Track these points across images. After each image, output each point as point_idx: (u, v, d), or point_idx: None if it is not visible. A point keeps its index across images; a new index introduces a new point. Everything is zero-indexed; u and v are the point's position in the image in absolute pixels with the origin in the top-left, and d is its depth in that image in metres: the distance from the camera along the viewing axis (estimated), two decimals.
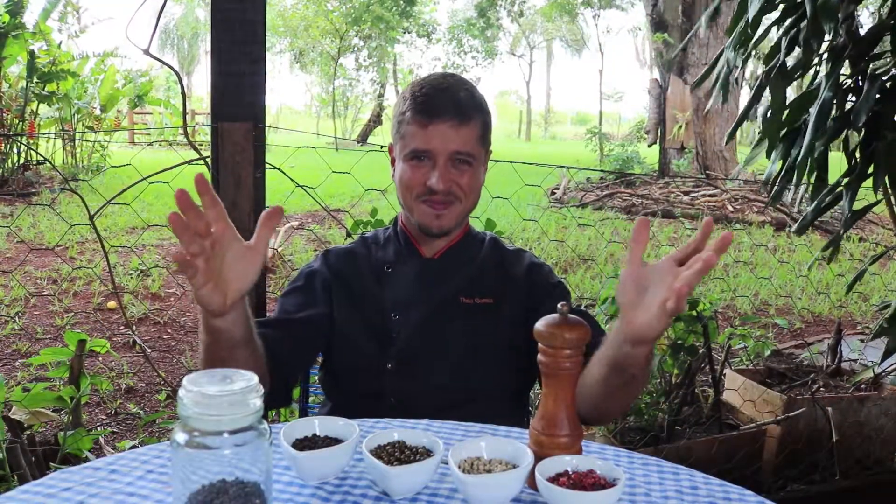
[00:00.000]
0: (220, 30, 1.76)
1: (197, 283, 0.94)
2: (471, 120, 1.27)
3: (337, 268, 1.35)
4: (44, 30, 8.96)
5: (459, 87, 1.29)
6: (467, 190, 1.28)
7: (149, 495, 0.85)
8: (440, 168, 1.25)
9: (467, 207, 1.31)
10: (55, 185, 8.54)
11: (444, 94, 1.26)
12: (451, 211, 1.28)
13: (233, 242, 0.96)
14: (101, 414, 2.91)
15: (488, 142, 1.34)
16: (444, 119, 1.24)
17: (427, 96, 1.26)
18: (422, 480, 0.87)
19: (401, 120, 1.29)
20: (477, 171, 1.30)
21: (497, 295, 1.32)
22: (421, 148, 1.26)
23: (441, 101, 1.25)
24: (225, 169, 1.76)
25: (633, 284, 0.93)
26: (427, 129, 1.25)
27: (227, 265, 0.96)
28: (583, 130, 20.05)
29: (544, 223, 7.74)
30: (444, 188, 1.25)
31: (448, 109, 1.25)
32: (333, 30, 20.99)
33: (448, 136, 1.25)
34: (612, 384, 1.05)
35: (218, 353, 1.04)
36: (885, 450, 2.46)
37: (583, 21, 31.15)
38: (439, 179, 1.25)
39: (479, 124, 1.29)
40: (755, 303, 5.05)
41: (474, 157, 1.28)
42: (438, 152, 1.25)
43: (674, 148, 11.71)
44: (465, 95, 1.28)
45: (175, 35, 39.59)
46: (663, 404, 2.46)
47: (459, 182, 1.27)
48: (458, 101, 1.26)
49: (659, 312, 0.90)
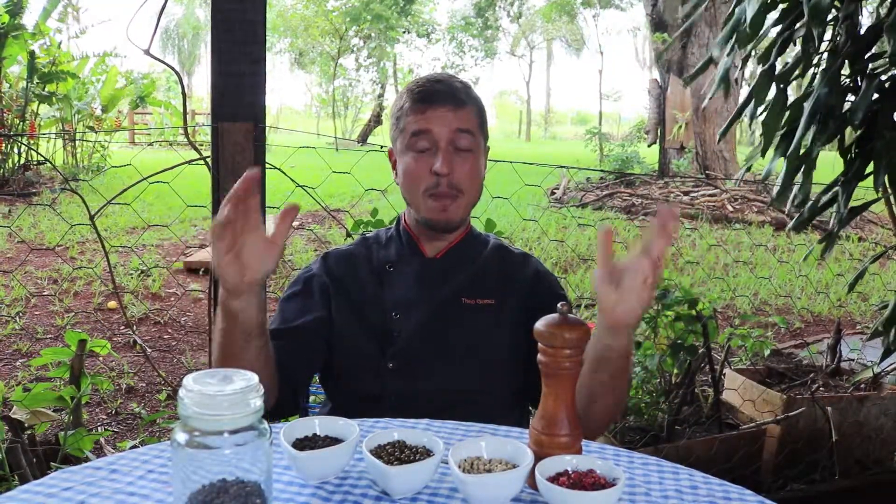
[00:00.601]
0: (220, 30, 1.76)
1: (221, 249, 1.00)
2: (467, 104, 1.31)
3: (336, 271, 1.36)
4: (44, 30, 8.97)
5: (454, 80, 1.34)
6: (468, 181, 1.30)
7: (149, 495, 0.85)
8: (443, 152, 1.28)
9: (470, 201, 1.33)
10: (56, 186, 8.54)
11: (440, 84, 1.31)
12: (457, 204, 1.30)
13: (257, 228, 1.02)
14: (102, 414, 2.91)
15: (486, 134, 1.37)
16: (442, 104, 1.29)
17: (423, 88, 1.31)
18: (422, 480, 0.87)
19: (399, 115, 1.33)
20: (478, 161, 1.32)
21: (498, 296, 1.33)
22: (421, 128, 1.28)
23: (437, 90, 1.30)
24: (225, 169, 1.76)
25: (607, 280, 1.01)
26: (426, 114, 1.28)
27: (248, 248, 1.02)
28: (583, 130, 20.03)
29: (544, 223, 7.74)
30: (448, 171, 1.27)
31: (445, 96, 1.29)
32: (333, 30, 21.00)
33: (447, 119, 1.28)
34: (595, 382, 1.09)
35: (233, 341, 1.08)
36: (884, 449, 2.46)
37: (582, 21, 31.18)
38: (443, 162, 1.27)
39: (476, 112, 1.33)
40: (755, 302, 5.05)
41: (475, 140, 1.31)
42: (439, 135, 1.28)
43: (673, 148, 11.71)
44: (461, 86, 1.33)
45: (176, 35, 39.60)
46: (663, 404, 2.47)
47: (461, 171, 1.29)
48: (454, 89, 1.31)
49: (639, 294, 0.99)
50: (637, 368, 2.49)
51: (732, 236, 7.57)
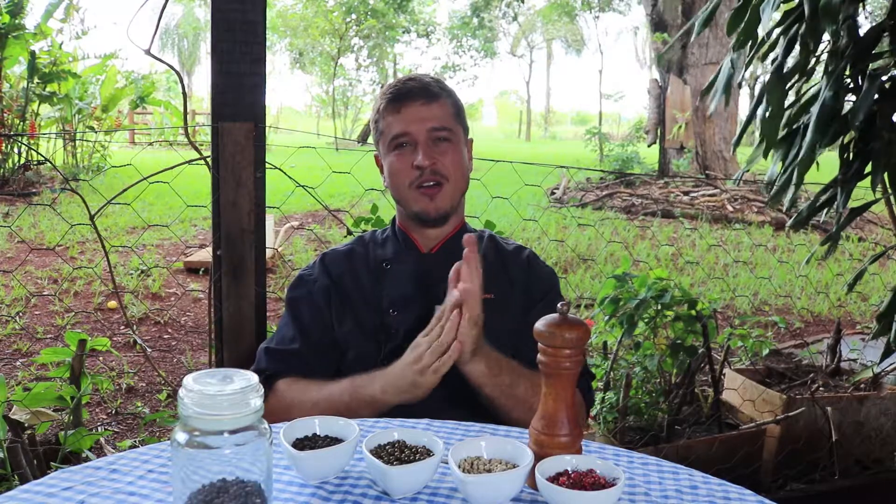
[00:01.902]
0: (220, 30, 1.76)
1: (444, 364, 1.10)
2: (439, 97, 1.35)
3: (334, 271, 1.37)
4: (45, 31, 8.96)
5: (425, 77, 1.38)
6: (452, 168, 1.33)
7: (149, 495, 0.86)
8: (422, 146, 1.31)
9: (457, 187, 1.35)
10: (56, 185, 8.54)
11: (411, 82, 1.36)
12: (443, 192, 1.33)
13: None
14: (102, 413, 2.91)
15: (464, 123, 1.40)
16: (414, 100, 1.33)
17: (395, 88, 1.36)
18: (422, 480, 0.87)
19: (377, 119, 1.38)
20: (458, 149, 1.35)
21: (496, 290, 1.33)
22: (399, 132, 1.32)
23: (409, 87, 1.34)
24: (225, 169, 1.76)
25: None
26: (401, 113, 1.32)
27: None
28: (582, 130, 20.03)
29: (544, 223, 7.74)
30: (430, 163, 1.30)
31: (416, 92, 1.33)
32: (333, 30, 21.00)
33: (421, 114, 1.32)
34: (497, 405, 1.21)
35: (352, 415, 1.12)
36: (884, 449, 2.46)
37: (582, 21, 31.16)
38: (423, 156, 1.30)
39: (450, 103, 1.36)
40: (755, 303, 5.05)
41: (452, 132, 1.34)
42: (417, 133, 1.31)
43: (673, 148, 11.70)
44: (431, 81, 1.37)
45: (177, 35, 39.58)
46: (663, 404, 2.47)
47: (443, 160, 1.32)
48: (425, 84, 1.35)
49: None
50: (637, 368, 2.49)
51: (732, 236, 7.57)
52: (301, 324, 1.34)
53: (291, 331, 1.34)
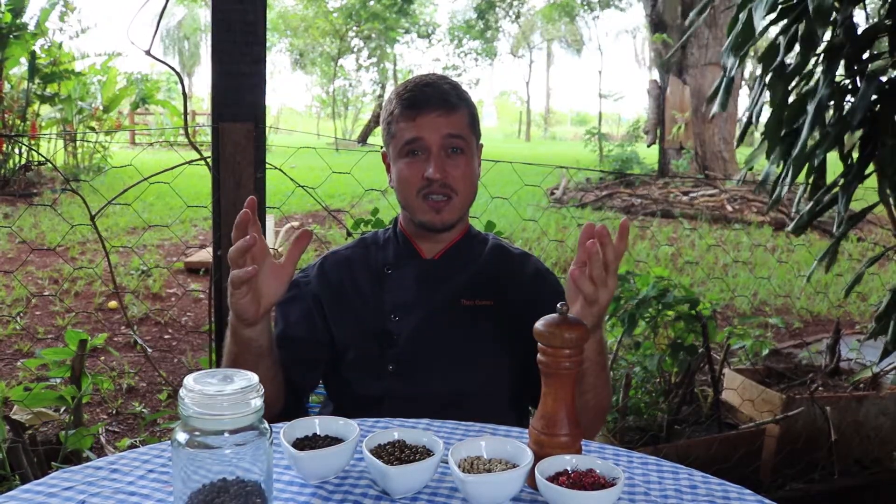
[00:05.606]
0: (220, 30, 1.76)
1: (240, 293, 1.04)
2: (457, 108, 1.30)
3: (333, 277, 1.35)
4: (44, 31, 8.96)
5: (443, 82, 1.33)
6: (462, 182, 1.30)
7: (150, 494, 0.86)
8: (434, 157, 1.27)
9: (465, 201, 1.33)
10: (56, 186, 8.54)
11: (429, 88, 1.30)
12: (451, 205, 1.30)
13: (266, 258, 1.07)
14: (103, 413, 2.91)
15: (478, 133, 1.37)
16: (432, 109, 1.28)
17: (412, 93, 1.30)
18: (422, 480, 0.87)
19: (390, 121, 1.32)
20: (471, 161, 1.32)
21: (497, 296, 1.33)
22: (413, 137, 1.28)
23: (426, 95, 1.29)
24: (225, 169, 1.76)
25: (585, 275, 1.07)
26: (416, 121, 1.28)
27: (261, 279, 1.06)
28: (582, 131, 20.05)
29: (544, 223, 7.74)
30: (441, 177, 1.27)
31: (434, 101, 1.28)
32: (333, 30, 21.00)
33: (437, 124, 1.28)
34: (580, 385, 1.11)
35: (245, 362, 1.12)
36: (883, 449, 2.46)
37: (582, 22, 31.14)
38: (435, 169, 1.27)
39: (467, 114, 1.32)
40: (754, 302, 5.06)
41: (466, 142, 1.30)
42: (431, 141, 1.28)
43: (673, 148, 11.71)
44: (449, 88, 1.32)
45: (177, 35, 39.58)
46: (663, 404, 2.47)
47: (454, 173, 1.29)
48: (443, 92, 1.30)
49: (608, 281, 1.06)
50: (637, 368, 2.50)
51: (732, 236, 7.57)
52: (287, 320, 1.34)
53: (278, 325, 1.34)
